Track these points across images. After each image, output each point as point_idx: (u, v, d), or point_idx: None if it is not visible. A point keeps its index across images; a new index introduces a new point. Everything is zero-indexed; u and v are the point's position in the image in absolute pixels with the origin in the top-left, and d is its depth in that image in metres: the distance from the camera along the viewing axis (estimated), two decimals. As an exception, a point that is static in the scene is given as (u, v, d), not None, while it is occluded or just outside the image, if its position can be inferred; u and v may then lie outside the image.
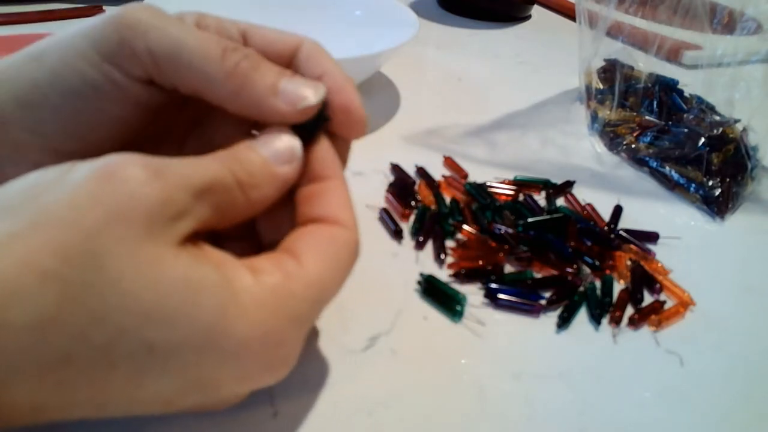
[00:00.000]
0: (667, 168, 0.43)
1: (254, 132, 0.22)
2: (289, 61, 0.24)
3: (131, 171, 0.17)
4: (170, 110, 0.23)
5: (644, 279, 0.33)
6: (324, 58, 0.23)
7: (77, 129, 0.21)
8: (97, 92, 0.21)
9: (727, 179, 0.41)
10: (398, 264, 0.33)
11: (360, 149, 0.43)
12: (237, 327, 0.17)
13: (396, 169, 0.40)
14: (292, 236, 0.21)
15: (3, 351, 0.15)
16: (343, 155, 0.25)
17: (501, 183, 0.40)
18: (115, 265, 0.16)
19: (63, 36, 0.21)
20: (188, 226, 0.18)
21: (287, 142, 0.21)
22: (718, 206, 0.40)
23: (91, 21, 0.21)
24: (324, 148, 0.22)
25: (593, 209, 0.38)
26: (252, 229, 0.24)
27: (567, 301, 0.31)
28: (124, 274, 0.16)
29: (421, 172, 0.40)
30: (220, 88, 0.21)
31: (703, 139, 0.42)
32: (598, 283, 0.33)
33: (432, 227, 0.35)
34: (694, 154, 0.42)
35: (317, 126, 0.22)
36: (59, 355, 0.15)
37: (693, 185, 0.41)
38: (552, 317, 0.31)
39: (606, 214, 0.38)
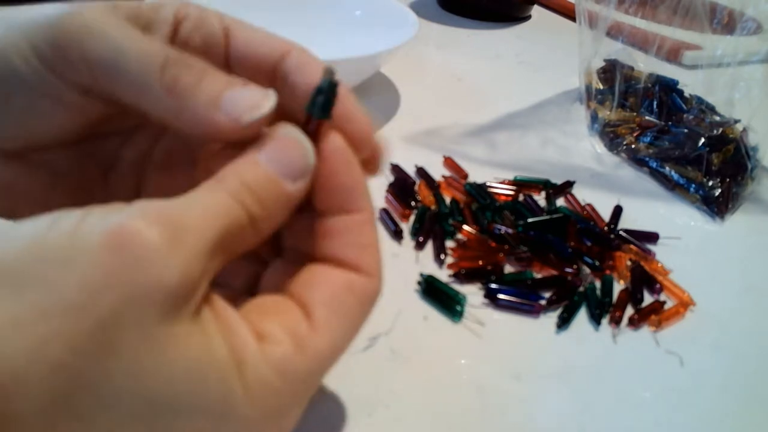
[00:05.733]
0: (667, 168, 0.43)
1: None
2: (273, 69, 0.21)
3: (147, 236, 0.15)
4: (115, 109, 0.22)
5: (644, 279, 0.33)
6: (317, 68, 0.20)
7: (14, 126, 0.20)
8: (33, 91, 0.20)
9: (727, 179, 0.41)
10: (398, 264, 0.33)
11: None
12: (240, 410, 0.17)
13: (396, 169, 0.40)
14: (305, 280, 0.19)
15: None
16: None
17: (501, 183, 0.40)
18: (128, 353, 0.15)
19: (2, 22, 0.19)
20: (202, 292, 0.17)
21: (299, 151, 0.19)
22: (718, 206, 0.40)
23: (33, 12, 0.19)
24: (354, 175, 0.20)
25: (593, 209, 0.38)
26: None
27: (567, 301, 0.31)
28: (136, 361, 0.15)
29: (421, 172, 0.40)
30: (158, 103, 0.19)
31: (703, 139, 0.42)
32: (598, 283, 0.33)
33: (432, 227, 0.35)
34: (694, 154, 0.42)
35: (326, 110, 0.19)
36: None
37: (693, 185, 0.41)
38: (552, 317, 0.31)
39: (606, 214, 0.38)
